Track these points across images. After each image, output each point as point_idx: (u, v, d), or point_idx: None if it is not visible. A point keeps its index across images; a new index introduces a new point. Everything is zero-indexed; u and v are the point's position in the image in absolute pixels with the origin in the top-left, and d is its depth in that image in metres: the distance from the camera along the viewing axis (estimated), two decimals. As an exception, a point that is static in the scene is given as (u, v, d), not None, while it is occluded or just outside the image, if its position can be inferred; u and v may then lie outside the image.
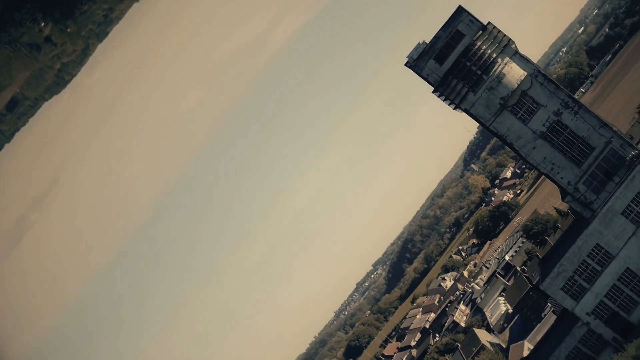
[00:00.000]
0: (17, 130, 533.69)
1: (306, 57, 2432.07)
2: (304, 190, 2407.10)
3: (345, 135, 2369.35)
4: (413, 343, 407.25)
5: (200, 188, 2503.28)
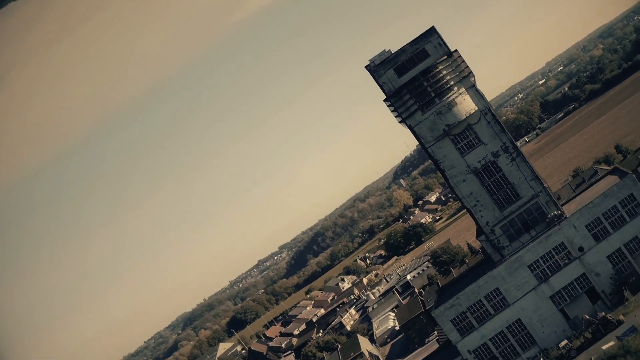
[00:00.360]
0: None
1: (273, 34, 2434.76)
2: (239, 153, 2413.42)
3: (293, 116, 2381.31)
4: (296, 332, 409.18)
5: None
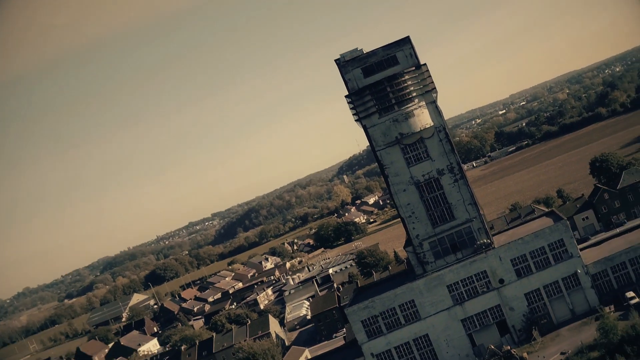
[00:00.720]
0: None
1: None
2: (199, 113, 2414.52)
3: (259, 88, 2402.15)
4: (211, 299, 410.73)
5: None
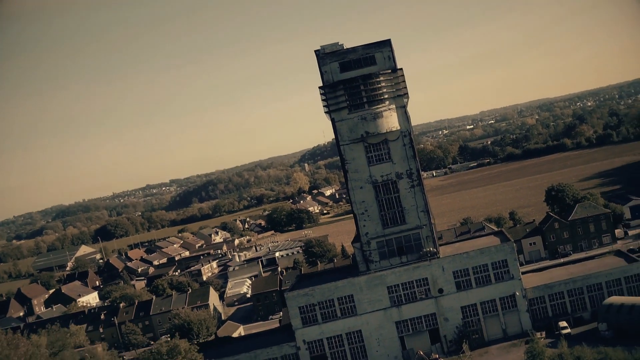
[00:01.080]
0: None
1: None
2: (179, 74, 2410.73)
3: (242, 61, 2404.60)
4: (156, 262, 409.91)
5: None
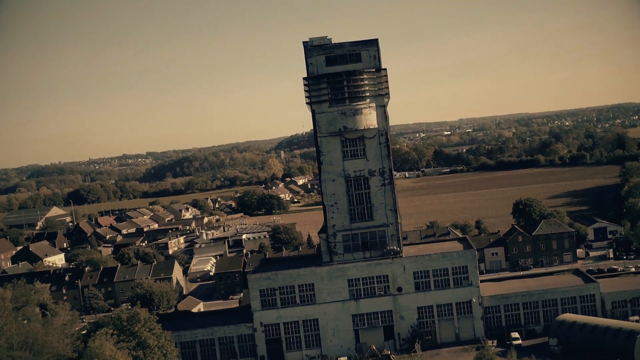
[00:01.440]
0: None
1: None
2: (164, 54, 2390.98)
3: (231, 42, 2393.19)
4: (125, 231, 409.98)
5: None
